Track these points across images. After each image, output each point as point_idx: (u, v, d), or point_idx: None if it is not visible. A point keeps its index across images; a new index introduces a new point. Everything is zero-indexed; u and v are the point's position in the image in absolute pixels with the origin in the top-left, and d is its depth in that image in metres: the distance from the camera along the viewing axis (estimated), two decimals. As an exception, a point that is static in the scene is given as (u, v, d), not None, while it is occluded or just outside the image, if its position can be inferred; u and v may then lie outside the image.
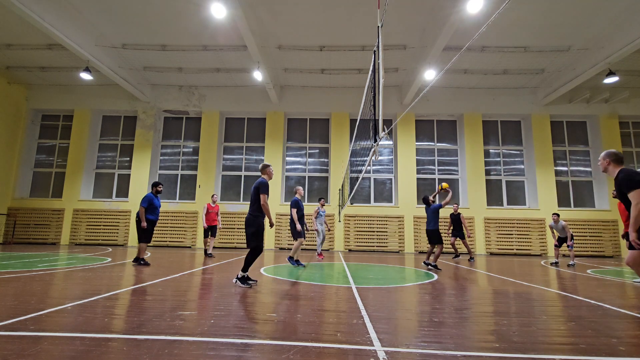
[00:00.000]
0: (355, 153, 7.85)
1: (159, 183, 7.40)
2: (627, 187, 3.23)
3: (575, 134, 15.51)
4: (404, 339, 2.53)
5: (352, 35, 11.65)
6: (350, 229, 14.51)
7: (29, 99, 15.83)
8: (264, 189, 4.73)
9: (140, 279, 5.17)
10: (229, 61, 13.48)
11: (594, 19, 10.45)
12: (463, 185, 15.09)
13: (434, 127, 15.92)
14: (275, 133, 15.36)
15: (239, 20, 9.83)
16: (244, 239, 14.46)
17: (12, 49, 12.66)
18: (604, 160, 3.55)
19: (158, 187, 7.34)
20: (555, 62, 12.80)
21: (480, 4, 8.81)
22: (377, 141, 4.04)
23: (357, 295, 4.19)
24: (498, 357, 2.17)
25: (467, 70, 13.55)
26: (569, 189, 15.03)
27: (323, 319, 3.06)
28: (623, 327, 3.01)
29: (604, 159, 3.55)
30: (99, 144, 16.11)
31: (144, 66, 14.00)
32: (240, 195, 15.48)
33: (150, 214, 7.12)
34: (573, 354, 2.26)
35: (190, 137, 16.03)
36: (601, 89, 13.96)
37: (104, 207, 14.95)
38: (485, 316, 3.32)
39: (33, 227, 14.80)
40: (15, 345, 2.14)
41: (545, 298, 4.37)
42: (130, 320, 2.83)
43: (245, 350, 2.20)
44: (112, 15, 10.99)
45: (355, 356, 2.14)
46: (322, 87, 15.33)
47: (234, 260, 8.78)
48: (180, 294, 4.04)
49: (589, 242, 13.94)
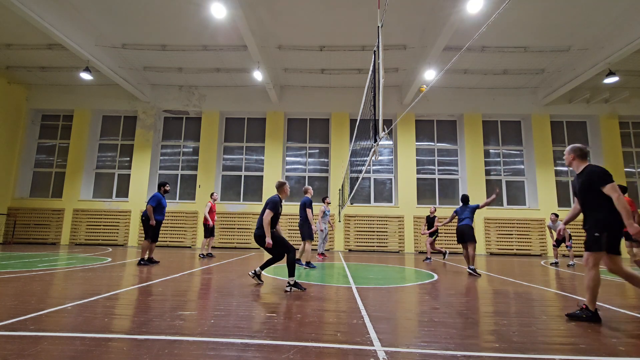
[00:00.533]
0: (355, 153, 7.85)
1: (166, 183, 7.43)
2: (602, 181, 3.14)
3: (575, 134, 15.51)
4: (404, 339, 2.53)
5: (352, 35, 11.65)
6: (350, 229, 14.51)
7: (29, 99, 15.83)
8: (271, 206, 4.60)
9: (140, 279, 5.17)
10: (229, 61, 13.48)
11: (594, 19, 10.45)
12: (463, 185, 15.08)
13: (434, 127, 15.92)
14: (275, 133, 15.36)
15: (239, 20, 9.83)
16: (244, 239, 14.49)
17: (12, 49, 12.66)
18: (568, 155, 3.48)
19: (165, 186, 7.37)
20: (555, 62, 12.81)
21: (480, 4, 8.81)
22: (377, 141, 4.04)
23: (357, 295, 4.19)
24: (498, 357, 2.18)
25: (467, 70, 13.56)
26: (569, 189, 15.03)
27: (323, 319, 3.06)
28: (623, 327, 3.01)
29: (568, 153, 3.48)
30: (99, 144, 16.11)
31: (144, 66, 14.01)
32: (240, 195, 15.49)
33: (157, 214, 7.13)
34: (573, 354, 2.26)
35: (190, 137, 16.03)
36: (601, 89, 13.96)
37: (104, 207, 14.96)
38: (485, 316, 3.32)
39: (33, 227, 14.80)
40: (15, 345, 2.14)
41: (545, 298, 4.37)
42: (130, 320, 2.83)
43: (245, 350, 2.20)
44: (112, 15, 10.99)
45: (355, 356, 2.14)
46: (322, 87, 15.33)
47: (234, 260, 8.78)
48: (180, 294, 4.04)
49: (589, 242, 13.93)
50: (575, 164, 3.42)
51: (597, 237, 3.15)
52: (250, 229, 14.56)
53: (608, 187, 3.10)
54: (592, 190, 3.21)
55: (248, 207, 14.88)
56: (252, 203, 15.03)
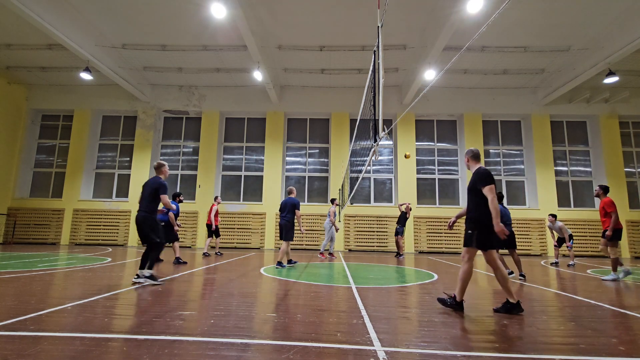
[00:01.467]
0: (355, 153, 7.85)
1: (181, 193, 8.55)
2: (483, 182, 3.42)
3: (575, 134, 15.51)
4: (404, 339, 2.53)
5: (352, 35, 11.65)
6: (350, 229, 14.51)
7: (29, 99, 15.83)
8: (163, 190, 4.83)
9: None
10: (229, 61, 13.48)
11: (594, 19, 10.45)
12: (463, 185, 15.08)
13: (434, 127, 15.92)
14: (275, 133, 15.36)
15: (239, 20, 9.83)
16: (244, 239, 14.49)
17: (12, 49, 12.66)
18: (465, 157, 3.81)
19: (180, 197, 8.49)
20: (555, 62, 12.80)
21: (480, 4, 8.80)
22: (377, 141, 4.04)
23: (357, 295, 4.19)
24: (498, 357, 2.18)
25: (467, 70, 13.55)
26: (569, 189, 15.03)
27: (323, 319, 3.06)
28: (623, 327, 3.02)
29: (465, 155, 3.81)
30: (99, 144, 16.11)
31: (144, 66, 14.00)
32: (240, 195, 15.48)
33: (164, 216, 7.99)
34: (573, 354, 2.26)
35: (190, 137, 16.03)
36: (601, 89, 13.96)
37: (104, 207, 14.96)
38: (485, 316, 3.32)
39: (33, 227, 14.80)
40: (15, 345, 2.15)
41: (545, 298, 4.37)
42: (130, 320, 2.83)
43: (245, 350, 2.20)
44: (112, 15, 10.99)
45: (355, 356, 2.14)
46: (322, 87, 15.32)
47: (234, 260, 8.78)
48: (180, 294, 4.04)
49: (589, 242, 13.94)
50: (471, 165, 3.75)
51: (469, 234, 3.46)
52: (250, 229, 14.57)
53: (486, 189, 3.39)
54: (475, 189, 3.51)
55: (248, 207, 14.88)
56: (252, 203, 15.03)
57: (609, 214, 6.10)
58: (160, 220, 7.47)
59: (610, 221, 6.01)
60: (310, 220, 14.41)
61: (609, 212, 6.08)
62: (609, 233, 6.02)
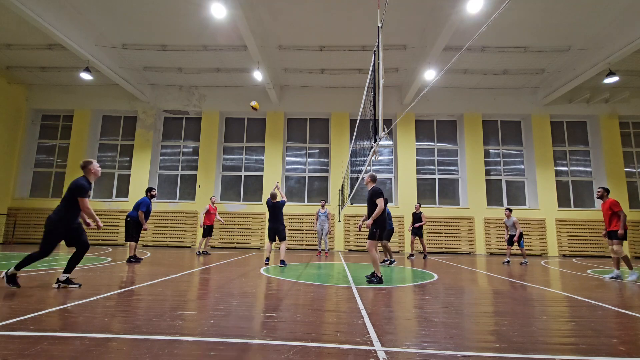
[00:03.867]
0: (355, 153, 7.85)
1: (153, 188, 8.14)
2: (377, 195, 5.22)
3: (575, 134, 15.51)
4: (404, 339, 2.53)
5: (352, 35, 11.65)
6: (350, 229, 14.50)
7: (29, 99, 15.83)
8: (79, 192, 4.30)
9: (140, 279, 5.17)
10: (229, 61, 13.48)
11: (594, 19, 10.45)
12: (463, 185, 15.08)
13: (434, 127, 15.92)
14: (275, 133, 15.36)
15: (239, 20, 9.83)
16: (244, 239, 14.49)
17: (12, 49, 12.66)
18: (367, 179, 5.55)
19: (152, 191, 8.02)
20: (555, 62, 12.80)
21: (480, 4, 8.81)
22: (377, 141, 4.04)
23: (357, 295, 4.19)
24: (498, 357, 2.17)
25: (467, 70, 13.55)
26: (569, 189, 15.03)
27: (323, 319, 3.06)
28: (623, 327, 3.01)
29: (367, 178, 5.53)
30: (99, 144, 16.11)
31: (144, 66, 14.01)
32: (240, 195, 15.49)
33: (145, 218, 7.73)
34: (573, 354, 2.26)
35: (190, 137, 16.03)
36: (601, 89, 13.96)
37: (104, 207, 14.95)
38: (485, 316, 3.32)
39: (33, 227, 14.79)
40: (15, 345, 2.14)
41: (545, 298, 4.37)
42: (130, 320, 2.82)
43: (245, 350, 2.20)
44: (112, 15, 10.99)
45: (355, 356, 2.14)
46: (322, 87, 15.32)
47: (234, 260, 8.78)
48: (180, 294, 4.04)
49: (589, 242, 13.95)
50: (368, 184, 5.54)
51: (374, 232, 5.18)
52: (250, 229, 14.56)
53: (378, 200, 5.19)
54: (372, 201, 5.29)
55: (248, 207, 14.88)
56: (252, 203, 15.03)
57: (616, 213, 6.11)
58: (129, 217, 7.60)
59: (618, 220, 6.05)
60: (310, 220, 14.40)
61: (617, 212, 6.10)
62: (621, 232, 6.05)
